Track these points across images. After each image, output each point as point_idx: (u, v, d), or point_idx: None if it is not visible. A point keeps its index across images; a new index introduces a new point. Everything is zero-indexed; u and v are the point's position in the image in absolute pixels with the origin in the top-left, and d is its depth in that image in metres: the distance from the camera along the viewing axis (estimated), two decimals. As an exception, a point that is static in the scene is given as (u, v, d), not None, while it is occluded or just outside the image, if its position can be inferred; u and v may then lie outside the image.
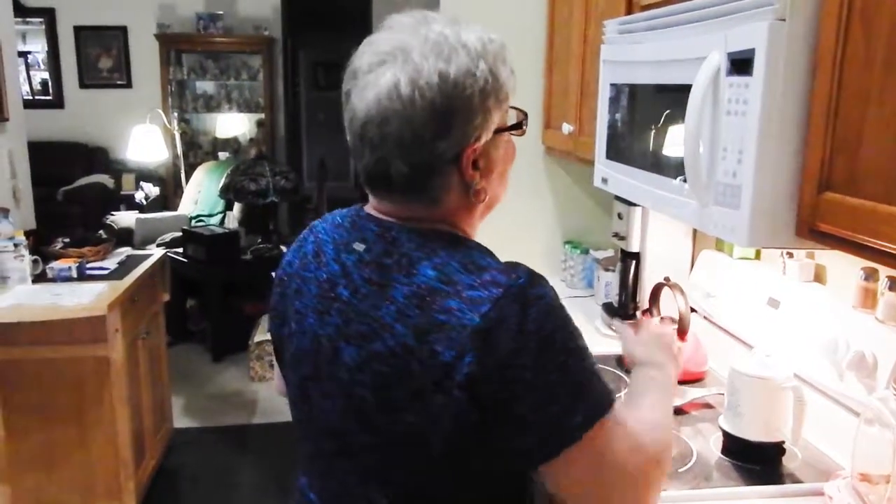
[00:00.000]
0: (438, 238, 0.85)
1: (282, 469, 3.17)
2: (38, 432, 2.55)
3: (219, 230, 4.58)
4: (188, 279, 4.41)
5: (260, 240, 4.74)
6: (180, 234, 4.59)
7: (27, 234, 2.67)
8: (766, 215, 1.05)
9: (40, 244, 2.81)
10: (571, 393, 0.78)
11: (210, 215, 5.22)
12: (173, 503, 2.97)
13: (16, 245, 2.54)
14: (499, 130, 0.88)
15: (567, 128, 2.12)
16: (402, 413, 0.81)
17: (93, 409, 2.57)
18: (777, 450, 1.34)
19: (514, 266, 0.82)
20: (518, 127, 0.91)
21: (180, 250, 4.46)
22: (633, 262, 2.03)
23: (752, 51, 1.03)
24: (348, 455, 0.90)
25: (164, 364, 3.22)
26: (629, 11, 1.70)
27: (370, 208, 0.94)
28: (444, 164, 0.84)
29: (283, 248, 0.90)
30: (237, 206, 5.03)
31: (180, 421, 3.55)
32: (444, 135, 0.82)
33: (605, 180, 1.66)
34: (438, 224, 0.88)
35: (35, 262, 2.66)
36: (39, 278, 2.65)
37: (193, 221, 5.12)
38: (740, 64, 1.06)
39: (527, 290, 0.78)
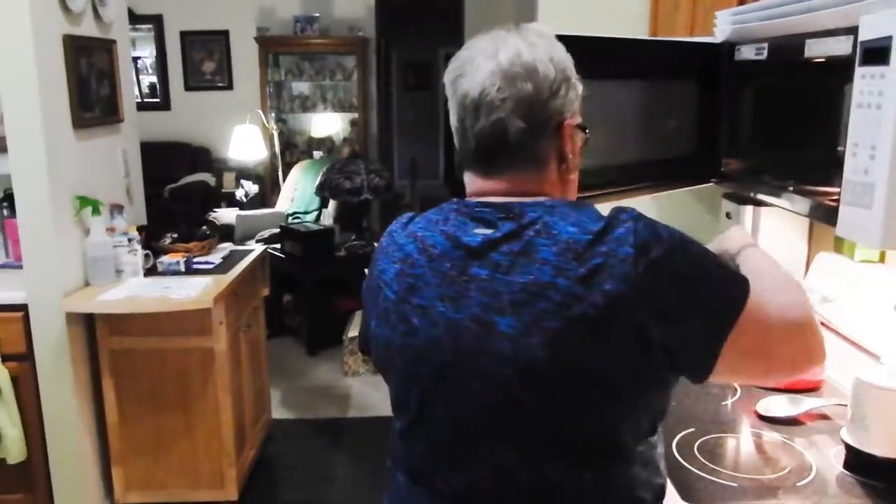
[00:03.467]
0: (558, 204, 0.95)
1: (377, 463, 3.21)
2: (147, 419, 2.68)
3: (314, 227, 4.69)
4: (285, 274, 4.54)
5: (353, 237, 4.83)
6: (278, 230, 4.73)
7: (139, 229, 2.80)
8: (902, 215, 0.98)
9: (151, 239, 2.94)
10: (721, 275, 0.93)
11: (306, 212, 5.36)
12: (272, 492, 3.06)
13: (129, 240, 2.67)
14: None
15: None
16: (581, 360, 0.88)
17: (198, 399, 2.68)
18: (906, 467, 1.25)
19: (617, 209, 0.93)
20: (584, 130, 1.03)
21: (278, 246, 4.59)
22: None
23: (888, 38, 0.97)
24: (503, 430, 0.93)
25: (263, 356, 3.32)
26: (743, 1, 1.62)
27: (472, 197, 1.01)
28: (552, 129, 0.97)
29: (376, 245, 0.94)
30: (332, 204, 5.14)
31: (277, 412, 3.66)
32: (556, 95, 0.96)
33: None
34: (545, 196, 0.98)
35: (146, 256, 2.79)
36: (150, 272, 2.78)
37: (290, 218, 5.26)
38: (875, 53, 0.99)
39: (641, 214, 0.92)
